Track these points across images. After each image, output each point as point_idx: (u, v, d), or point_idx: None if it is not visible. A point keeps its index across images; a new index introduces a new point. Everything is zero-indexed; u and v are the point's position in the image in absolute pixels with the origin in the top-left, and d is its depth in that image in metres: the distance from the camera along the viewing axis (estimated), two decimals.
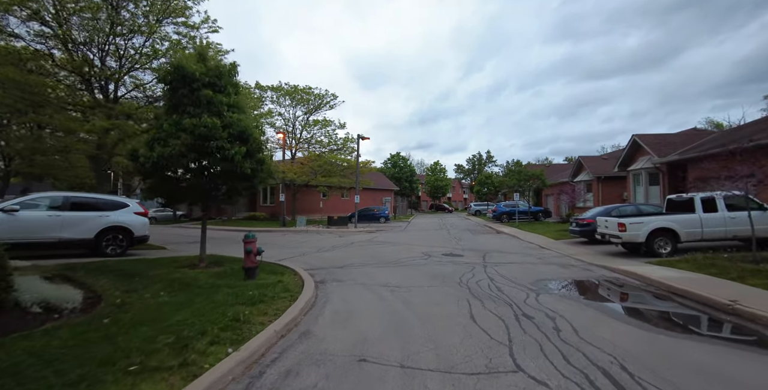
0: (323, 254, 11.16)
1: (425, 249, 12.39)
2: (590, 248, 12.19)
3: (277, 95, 26.53)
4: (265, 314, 4.59)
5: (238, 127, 7.16)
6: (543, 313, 5.03)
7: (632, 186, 18.60)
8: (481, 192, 46.75)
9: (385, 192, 42.58)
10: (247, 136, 7.36)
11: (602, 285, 7.14)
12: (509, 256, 10.72)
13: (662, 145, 16.90)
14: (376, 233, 19.73)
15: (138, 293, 5.34)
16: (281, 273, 7.25)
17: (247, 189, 8.01)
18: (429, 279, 7.33)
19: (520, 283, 7.04)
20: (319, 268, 8.50)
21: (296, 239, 16.31)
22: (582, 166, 24.75)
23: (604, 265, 8.94)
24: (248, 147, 7.34)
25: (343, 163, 26.87)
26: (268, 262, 8.96)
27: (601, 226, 11.05)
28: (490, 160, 76.71)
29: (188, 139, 6.68)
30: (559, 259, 10.41)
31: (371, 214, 30.60)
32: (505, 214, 28.21)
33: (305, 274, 7.21)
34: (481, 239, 16.24)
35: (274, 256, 10.56)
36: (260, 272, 7.28)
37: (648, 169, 17.12)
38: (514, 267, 8.87)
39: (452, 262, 9.43)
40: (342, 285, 6.74)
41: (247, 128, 7.30)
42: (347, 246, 13.36)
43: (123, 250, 9.45)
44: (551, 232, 18.10)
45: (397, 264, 9.21)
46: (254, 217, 28.33)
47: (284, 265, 8.45)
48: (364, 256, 10.69)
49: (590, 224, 13.24)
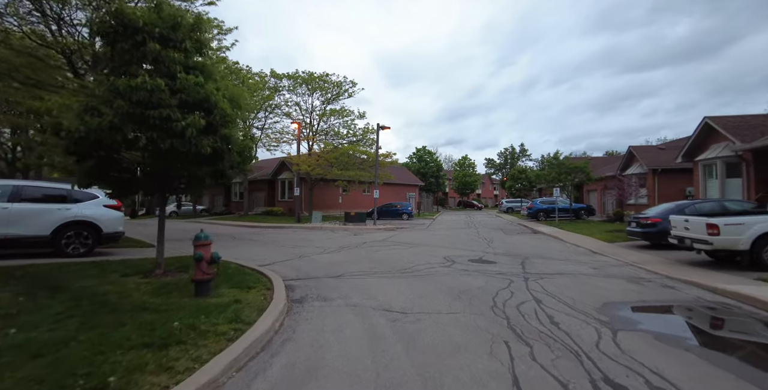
0: (324, 257, 9.35)
1: (449, 252, 10.30)
2: (658, 255, 9.67)
3: (293, 84, 25.03)
4: (168, 371, 2.77)
5: (196, 92, 5.42)
6: (637, 375, 2.92)
7: (702, 179, 15.52)
8: (513, 188, 43.63)
9: (409, 187, 40.49)
10: (209, 106, 5.62)
11: (708, 316, 4.83)
12: (556, 264, 8.46)
13: (744, 128, 13.80)
14: (396, 232, 17.77)
15: (12, 319, 3.69)
16: (250, 286, 5.45)
17: (214, 176, 6.28)
18: (450, 299, 5.31)
19: (582, 309, 4.88)
20: (308, 278, 6.66)
21: (305, 237, 14.66)
22: (634, 157, 21.57)
23: (691, 280, 6.53)
24: (210, 119, 5.60)
25: (362, 156, 25.02)
26: (249, 267, 7.25)
27: (678, 228, 8.53)
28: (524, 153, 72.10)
29: (124, 107, 4.99)
30: (622, 269, 8.04)
31: (393, 211, 28.64)
32: (542, 211, 25.39)
33: (281, 289, 5.39)
34: (516, 241, 13.90)
35: (265, 259, 8.89)
36: (224, 284, 5.54)
37: (725, 158, 14.06)
38: (565, 281, 6.66)
39: (482, 273, 7.32)
40: (325, 308, 4.84)
41: (210, 95, 5.55)
42: (357, 247, 11.50)
43: (88, 249, 8.05)
44: (600, 232, 15.45)
45: (411, 273, 7.22)
46: (271, 212, 27.17)
47: (265, 272, 6.68)
48: (371, 260, 8.77)
49: (656, 224, 10.66)
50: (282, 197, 29.96)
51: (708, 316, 4.88)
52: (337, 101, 26.09)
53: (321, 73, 24.52)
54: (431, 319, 4.37)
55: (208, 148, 5.46)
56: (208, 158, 5.77)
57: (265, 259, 8.85)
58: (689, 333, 4.28)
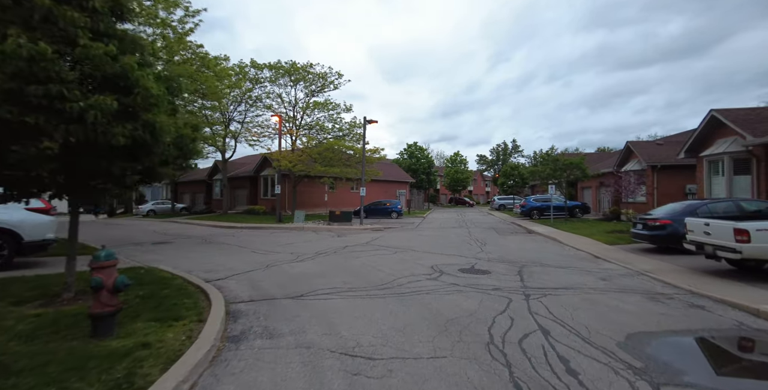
0: (295, 267, 8.13)
1: (437, 259, 9.17)
2: (669, 261, 8.67)
3: (275, 74, 23.52)
4: None
5: (107, 65, 4.14)
6: None
7: (706, 176, 14.62)
8: (505, 184, 42.79)
9: (399, 184, 39.34)
10: (127, 85, 4.34)
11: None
12: (558, 274, 7.38)
13: (755, 121, 12.88)
14: (382, 233, 16.61)
15: None
16: (177, 317, 4.22)
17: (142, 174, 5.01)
18: (434, 332, 4.15)
19: (602, 344, 3.79)
20: (263, 300, 5.45)
21: (282, 240, 13.41)
22: (632, 152, 20.67)
23: (722, 298, 5.49)
24: (129, 102, 4.32)
25: (347, 151, 23.68)
26: (195, 284, 6.01)
27: (696, 232, 7.51)
28: (516, 150, 70.92)
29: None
30: (635, 280, 7.00)
31: (382, 209, 27.46)
32: (536, 209, 24.45)
33: (217, 321, 4.16)
34: (510, 243, 12.84)
35: (225, 269, 7.66)
36: (147, 312, 4.33)
37: (733, 153, 13.15)
38: (573, 299, 5.56)
39: (475, 288, 6.19)
40: (267, 351, 3.64)
41: (129, 71, 4.27)
42: (335, 252, 10.30)
43: (2, 261, 6.70)
44: (599, 233, 14.49)
45: (390, 290, 6.05)
46: (252, 211, 25.76)
47: (210, 292, 5.44)
48: (347, 272, 7.59)
49: (666, 227, 9.66)
50: (264, 195, 28.54)
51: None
52: (323, 93, 24.69)
53: (305, 64, 23.03)
54: (406, 370, 3.21)
55: (122, 138, 4.19)
56: (128, 151, 4.50)
57: (224, 271, 7.61)
58: (754, 386, 3.20)
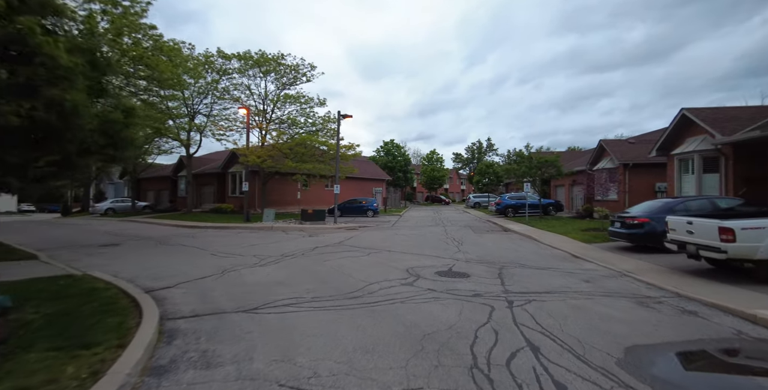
0: (255, 273, 7.31)
1: (413, 261, 8.58)
2: (647, 260, 8.48)
3: (244, 65, 22.21)
4: None
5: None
6: None
7: (677, 174, 14.81)
8: (481, 182, 43.02)
9: (375, 182, 38.68)
10: (26, 51, 3.42)
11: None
12: (539, 276, 6.95)
13: (724, 120, 13.07)
14: (356, 232, 15.90)
15: None
16: (89, 344, 3.38)
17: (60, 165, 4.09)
18: (408, 353, 3.52)
19: (600, 363, 3.29)
20: (210, 314, 4.65)
21: (247, 241, 12.45)
22: (604, 151, 20.92)
23: (713, 302, 5.17)
24: (27, 72, 3.41)
25: (321, 147, 22.74)
26: (131, 295, 5.11)
27: (678, 231, 7.28)
28: (491, 148, 71.84)
29: None
30: (619, 282, 6.66)
31: (357, 207, 26.72)
32: (511, 207, 24.44)
33: (141, 347, 3.35)
34: (488, 241, 12.47)
35: (173, 276, 6.76)
36: (54, 338, 3.45)
37: (703, 151, 13.32)
38: (559, 305, 5.09)
39: (453, 295, 5.62)
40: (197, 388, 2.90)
41: (28, 35, 3.36)
42: (304, 254, 9.52)
43: None
44: (574, 231, 14.39)
45: (360, 300, 5.39)
46: (220, 209, 24.37)
47: (145, 306, 4.59)
48: (314, 278, 6.85)
49: (644, 225, 9.50)
50: (233, 193, 27.10)
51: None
52: (295, 86, 23.55)
53: (275, 55, 21.87)
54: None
55: (15, 119, 3.29)
56: (28, 136, 3.60)
57: (172, 277, 6.70)
58: None
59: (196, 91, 23.76)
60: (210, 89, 23.54)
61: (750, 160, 12.05)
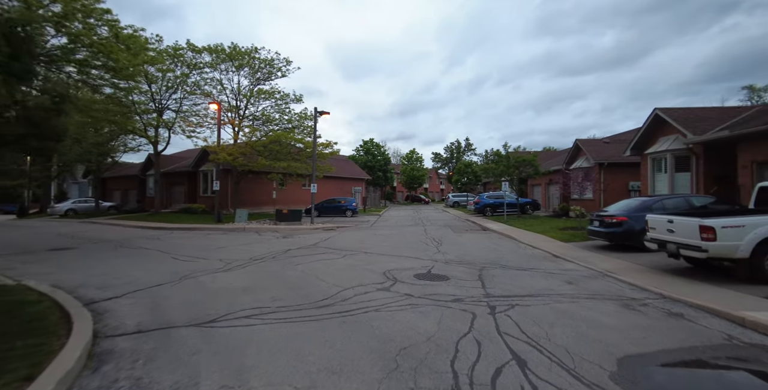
0: (217, 279, 6.69)
1: (391, 263, 8.16)
2: (625, 259, 8.40)
3: (216, 59, 21.17)
4: None
5: None
6: None
7: (650, 173, 15.05)
8: (460, 182, 43.15)
9: (355, 181, 38.10)
10: None
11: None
12: (521, 278, 6.67)
13: (695, 120, 13.33)
14: (334, 232, 15.36)
15: None
16: None
17: None
18: (380, 372, 3.08)
19: (594, 380, 2.99)
20: (156, 329, 4.06)
21: (215, 243, 11.71)
22: (580, 150, 21.20)
23: (699, 303, 5.00)
24: None
25: (297, 144, 21.97)
26: (66, 309, 4.45)
27: (658, 230, 7.17)
28: (470, 148, 72.57)
29: None
30: (601, 283, 6.46)
31: (336, 207, 26.12)
32: (489, 206, 24.46)
33: (57, 377, 2.76)
34: (467, 241, 12.22)
35: (125, 283, 6.07)
36: None
37: (675, 151, 13.55)
38: (543, 310, 4.79)
39: (432, 300, 5.23)
40: None
41: None
42: (273, 258, 8.92)
43: None
44: (552, 229, 14.38)
45: (330, 309, 4.91)
46: (190, 209, 23.20)
47: (77, 322, 3.95)
48: (281, 284, 6.32)
49: (621, 224, 9.46)
50: (204, 192, 25.91)
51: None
52: (270, 81, 22.66)
53: (249, 48, 20.92)
54: None
55: None
56: None
57: (123, 285, 6.01)
58: None
59: (165, 85, 22.51)
60: (179, 84, 22.34)
61: (719, 159, 12.31)
